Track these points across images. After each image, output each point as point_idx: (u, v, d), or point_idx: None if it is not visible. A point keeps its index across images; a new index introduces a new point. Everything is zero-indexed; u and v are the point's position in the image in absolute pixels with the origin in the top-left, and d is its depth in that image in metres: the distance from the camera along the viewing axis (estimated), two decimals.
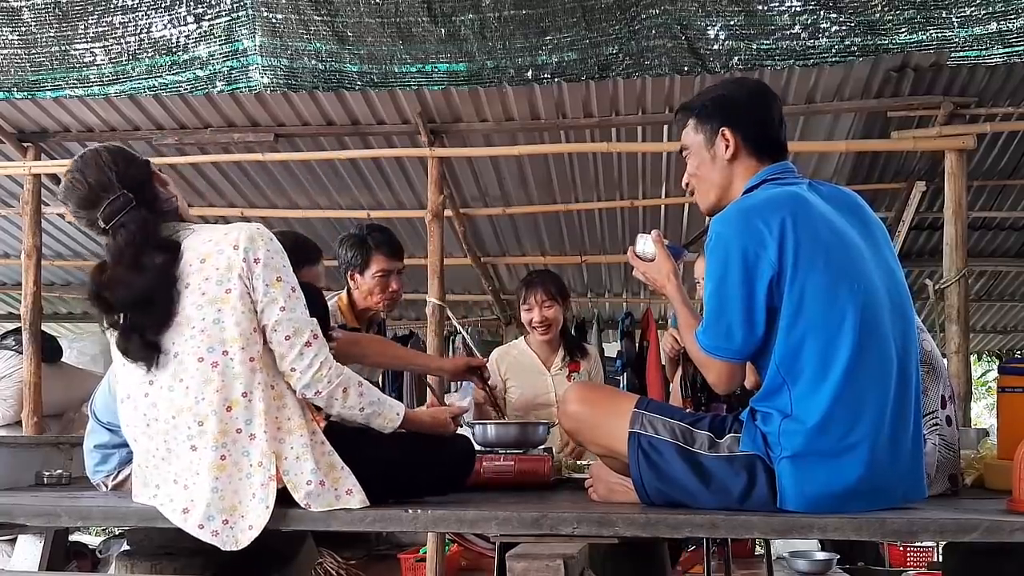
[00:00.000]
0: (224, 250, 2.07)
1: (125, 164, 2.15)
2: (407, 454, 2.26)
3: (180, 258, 2.09)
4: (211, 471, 2.01)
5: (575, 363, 3.87)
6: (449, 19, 4.66)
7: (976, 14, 4.36)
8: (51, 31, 4.88)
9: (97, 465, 2.66)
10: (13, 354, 5.27)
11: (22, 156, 5.37)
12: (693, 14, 4.54)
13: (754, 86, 2.32)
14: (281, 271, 2.10)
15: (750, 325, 2.04)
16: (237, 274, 2.05)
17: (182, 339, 2.05)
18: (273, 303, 2.07)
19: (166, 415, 2.07)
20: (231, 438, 2.02)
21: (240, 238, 2.08)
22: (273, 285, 2.07)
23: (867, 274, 2.07)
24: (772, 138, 2.23)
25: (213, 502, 2.00)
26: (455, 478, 2.38)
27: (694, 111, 2.27)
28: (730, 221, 2.08)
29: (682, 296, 2.27)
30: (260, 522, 2.01)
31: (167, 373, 2.07)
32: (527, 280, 3.90)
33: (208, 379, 2.02)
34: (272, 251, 2.10)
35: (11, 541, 3.77)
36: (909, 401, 2.09)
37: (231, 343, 2.04)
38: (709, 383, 2.17)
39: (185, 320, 2.06)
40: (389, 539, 6.00)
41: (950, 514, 1.98)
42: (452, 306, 6.30)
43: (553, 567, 1.79)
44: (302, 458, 2.05)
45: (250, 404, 2.03)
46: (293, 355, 2.07)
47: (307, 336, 2.08)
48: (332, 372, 2.10)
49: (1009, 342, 9.35)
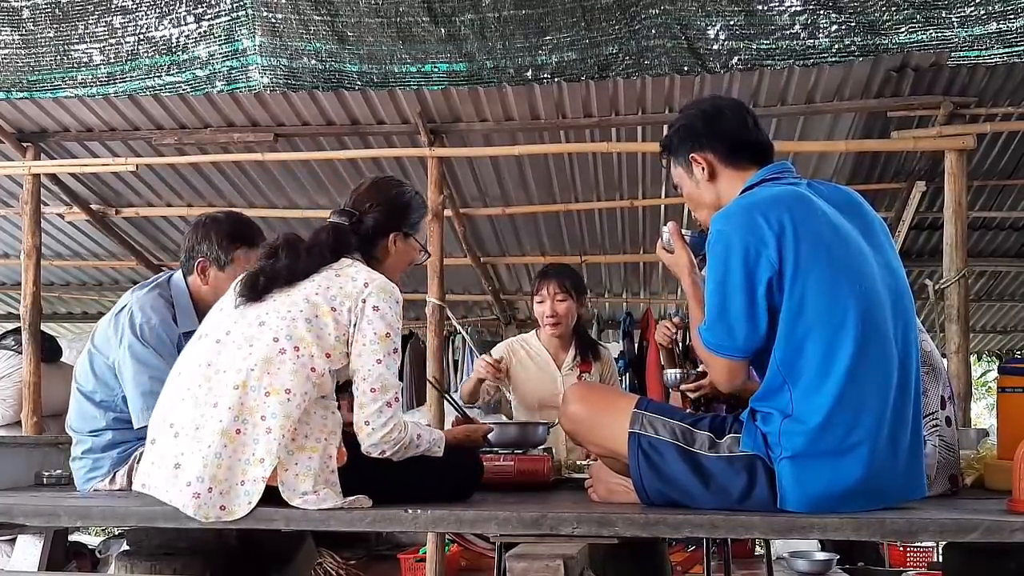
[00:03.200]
0: (357, 279, 2.21)
1: (398, 211, 2.45)
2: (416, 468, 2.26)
3: (335, 253, 2.26)
4: (222, 436, 2.03)
5: (586, 363, 3.73)
6: (449, 19, 4.66)
7: (976, 14, 4.36)
8: (51, 31, 4.89)
9: (89, 472, 2.64)
10: (12, 354, 5.27)
11: (22, 156, 5.37)
12: (693, 14, 4.54)
13: (708, 104, 2.35)
14: (392, 329, 2.19)
15: (752, 322, 2.04)
16: (348, 306, 2.16)
17: (277, 315, 2.14)
18: (372, 354, 2.15)
19: (222, 364, 2.12)
20: (253, 419, 2.05)
21: (374, 281, 2.21)
22: (382, 338, 2.16)
23: (868, 273, 2.07)
24: (743, 145, 2.25)
25: (210, 464, 2.02)
26: (463, 489, 2.39)
27: (667, 149, 2.35)
28: (731, 218, 2.09)
29: (695, 290, 2.28)
30: (237, 511, 2.03)
31: (247, 332, 2.14)
32: (543, 271, 3.80)
33: (269, 359, 2.08)
34: (394, 311, 2.21)
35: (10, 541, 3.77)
36: (909, 401, 2.09)
37: (306, 345, 2.11)
38: (713, 380, 2.17)
39: (291, 302, 2.16)
40: (389, 539, 6.01)
41: (950, 514, 1.98)
42: (452, 306, 6.30)
43: (553, 567, 1.79)
44: (301, 476, 2.06)
45: (287, 402, 2.06)
46: (373, 409, 2.13)
47: (391, 396, 2.15)
48: (399, 435, 2.16)
49: (1009, 342, 9.35)
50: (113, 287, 7.84)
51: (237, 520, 2.03)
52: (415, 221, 2.49)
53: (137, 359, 2.57)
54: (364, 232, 2.38)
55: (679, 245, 2.33)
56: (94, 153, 5.57)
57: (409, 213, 2.47)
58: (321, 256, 2.25)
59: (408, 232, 2.46)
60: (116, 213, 6.23)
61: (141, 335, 2.59)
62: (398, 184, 2.53)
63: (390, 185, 2.51)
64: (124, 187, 6.00)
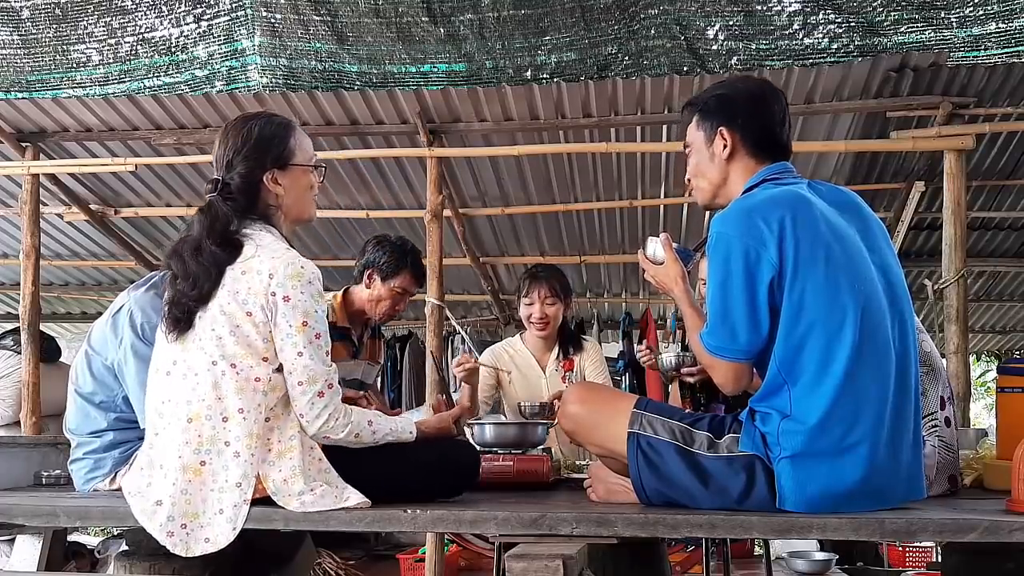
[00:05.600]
0: (261, 272, 2.07)
1: (254, 150, 2.17)
2: (412, 464, 2.26)
3: (236, 255, 2.10)
4: (186, 472, 2.02)
5: (569, 361, 3.74)
6: (448, 19, 4.65)
7: (975, 14, 4.36)
8: (50, 31, 4.88)
9: (90, 472, 2.64)
10: (12, 354, 5.27)
11: (21, 156, 5.37)
12: (692, 14, 4.54)
13: (756, 86, 2.31)
14: (308, 315, 2.07)
15: (754, 324, 2.04)
16: (260, 304, 2.06)
17: (206, 336, 2.07)
18: (293, 347, 2.06)
19: (173, 397, 2.09)
20: (217, 448, 2.03)
21: (279, 270, 2.06)
22: (297, 329, 2.06)
23: (867, 274, 2.07)
24: (771, 139, 2.23)
25: (178, 503, 2.01)
26: (459, 487, 2.38)
27: (698, 107, 2.29)
28: (731, 221, 2.09)
29: (689, 299, 2.28)
30: (221, 540, 2.01)
31: (191, 361, 2.09)
32: (531, 273, 3.78)
33: (216, 383, 2.04)
34: (307, 293, 2.07)
35: (10, 541, 3.77)
36: (908, 401, 2.09)
37: (240, 358, 2.05)
38: (716, 384, 2.17)
39: (211, 319, 2.08)
40: (388, 539, 6.00)
41: (949, 514, 1.98)
42: (451, 306, 6.30)
43: (552, 567, 1.78)
44: (291, 480, 2.05)
45: (244, 421, 2.03)
46: (303, 402, 2.08)
47: (320, 386, 2.08)
48: (340, 423, 2.11)
49: (1008, 342, 9.35)
50: (112, 287, 7.83)
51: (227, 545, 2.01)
52: (280, 148, 2.21)
53: (139, 357, 2.56)
54: (238, 193, 2.17)
55: (670, 257, 2.31)
56: (93, 153, 5.56)
57: (268, 145, 2.20)
58: (212, 255, 2.09)
59: (281, 164, 2.21)
60: (115, 213, 6.23)
61: (143, 334, 2.59)
62: (240, 123, 2.23)
63: (234, 131, 2.21)
64: (123, 187, 6.00)
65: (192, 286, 2.08)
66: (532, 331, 3.76)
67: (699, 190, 2.31)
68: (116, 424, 2.63)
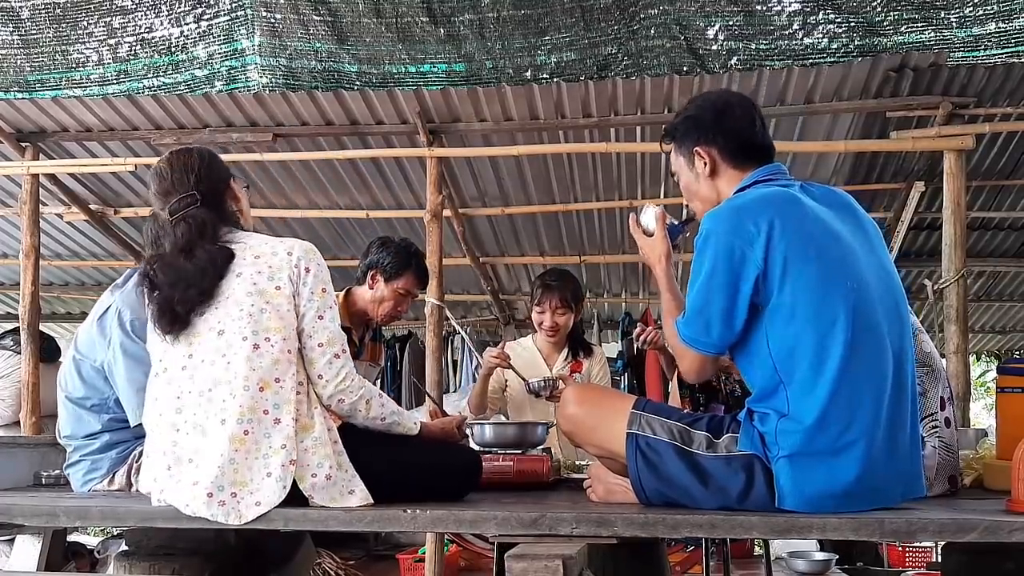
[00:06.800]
0: (278, 252, 2.25)
1: (207, 171, 2.35)
2: (416, 462, 2.32)
3: (232, 253, 2.24)
4: (231, 443, 2.08)
5: (578, 362, 3.81)
6: (448, 19, 4.65)
7: (975, 14, 4.36)
8: (50, 31, 4.88)
9: (87, 474, 2.64)
10: (11, 354, 5.26)
11: (20, 156, 5.37)
12: (692, 14, 4.54)
13: (718, 98, 2.35)
14: (327, 284, 2.27)
15: (729, 322, 2.07)
16: (287, 276, 2.22)
17: (230, 319, 2.17)
18: (315, 310, 2.22)
19: (202, 387, 2.15)
20: (257, 416, 2.10)
21: (295, 247, 2.27)
22: (318, 295, 2.23)
23: (860, 273, 2.08)
24: (748, 144, 2.25)
25: (226, 472, 2.07)
26: (461, 488, 2.40)
27: (671, 135, 2.34)
28: (720, 219, 2.11)
29: (668, 281, 2.32)
30: (272, 499, 2.07)
31: (210, 348, 2.16)
32: (544, 282, 3.77)
33: (249, 358, 2.13)
34: (322, 266, 2.28)
35: (9, 541, 3.77)
36: (906, 399, 2.09)
37: (273, 332, 2.16)
38: (681, 371, 2.22)
39: (235, 303, 2.18)
40: (388, 539, 6.00)
41: (949, 514, 1.98)
42: (451, 306, 6.30)
43: (552, 567, 1.79)
44: (311, 450, 2.13)
45: (281, 390, 2.13)
46: (323, 362, 2.21)
47: (337, 348, 2.23)
48: (355, 383, 2.24)
49: (1008, 342, 9.35)
50: None
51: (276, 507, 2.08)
52: (223, 165, 2.44)
53: (129, 356, 2.56)
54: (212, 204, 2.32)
55: (660, 234, 2.35)
56: (93, 153, 5.56)
57: (216, 163, 2.41)
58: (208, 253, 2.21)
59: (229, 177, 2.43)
60: (115, 213, 6.23)
61: (132, 332, 2.58)
62: (179, 153, 2.40)
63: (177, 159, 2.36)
64: (123, 187, 6.00)
65: (188, 286, 2.18)
66: (543, 335, 3.82)
67: (697, 211, 2.35)
68: (111, 425, 2.62)
